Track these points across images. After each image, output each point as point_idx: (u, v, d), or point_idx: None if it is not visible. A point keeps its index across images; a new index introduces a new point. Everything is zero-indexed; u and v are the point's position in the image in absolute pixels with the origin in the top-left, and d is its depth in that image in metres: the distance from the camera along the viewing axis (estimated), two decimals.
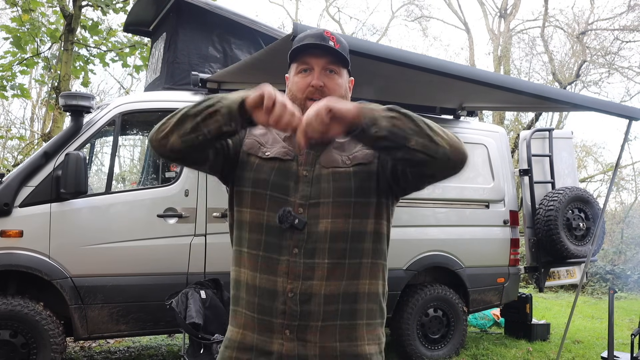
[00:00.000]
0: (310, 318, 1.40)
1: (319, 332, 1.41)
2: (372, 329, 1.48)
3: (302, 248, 1.41)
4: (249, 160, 1.51)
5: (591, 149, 17.65)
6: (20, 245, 3.86)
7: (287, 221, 1.41)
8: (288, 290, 1.40)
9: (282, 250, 1.42)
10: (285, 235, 1.42)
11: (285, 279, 1.41)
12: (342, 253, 1.43)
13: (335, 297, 1.41)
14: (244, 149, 1.53)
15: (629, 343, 4.31)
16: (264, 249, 1.44)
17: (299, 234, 1.42)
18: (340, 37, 1.56)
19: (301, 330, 1.40)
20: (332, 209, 1.43)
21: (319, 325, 1.41)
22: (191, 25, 4.84)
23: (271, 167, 1.48)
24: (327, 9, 20.93)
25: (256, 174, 1.48)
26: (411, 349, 4.97)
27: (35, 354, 3.82)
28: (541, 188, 5.94)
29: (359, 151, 1.50)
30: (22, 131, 15.24)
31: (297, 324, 1.40)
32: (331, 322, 1.41)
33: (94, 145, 5.83)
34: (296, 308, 1.40)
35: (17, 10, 8.39)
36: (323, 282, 1.41)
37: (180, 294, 3.76)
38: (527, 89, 4.00)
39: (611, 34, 15.44)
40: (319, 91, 1.47)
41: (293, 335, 1.40)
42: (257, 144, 1.53)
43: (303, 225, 1.41)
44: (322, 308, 1.40)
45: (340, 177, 1.45)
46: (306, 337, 1.40)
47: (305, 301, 1.40)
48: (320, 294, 1.40)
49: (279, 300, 1.41)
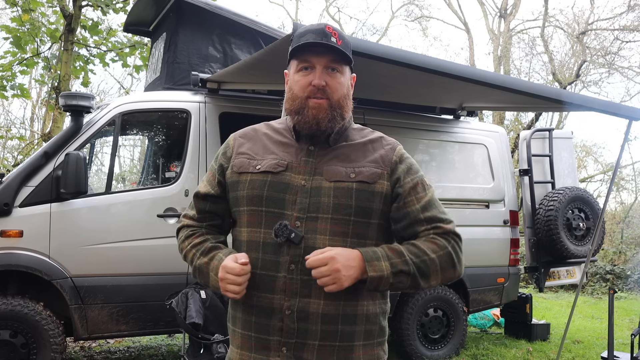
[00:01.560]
0: (307, 336, 1.38)
1: (316, 352, 1.39)
2: (370, 349, 1.45)
3: (299, 264, 1.38)
4: (241, 180, 1.48)
5: (591, 149, 17.67)
6: (20, 245, 3.86)
7: (282, 235, 1.37)
8: (285, 307, 1.38)
9: (279, 266, 1.39)
10: (281, 251, 1.39)
11: (283, 296, 1.38)
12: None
13: (334, 318, 1.39)
14: (234, 170, 1.50)
15: (629, 343, 4.31)
16: (261, 267, 1.41)
17: (295, 248, 1.38)
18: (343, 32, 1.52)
19: (298, 348, 1.38)
20: (330, 226, 1.40)
21: (317, 345, 1.38)
22: (191, 25, 4.83)
23: (264, 181, 1.44)
24: (327, 9, 20.95)
25: (250, 191, 1.45)
26: (411, 349, 4.97)
27: (35, 354, 3.82)
28: (541, 188, 5.93)
29: (366, 167, 1.46)
30: (22, 131, 15.27)
31: (294, 342, 1.38)
32: (329, 342, 1.39)
33: (94, 145, 5.82)
34: (293, 326, 1.38)
35: (17, 10, 8.39)
36: (321, 300, 1.38)
37: (180, 294, 3.76)
38: (527, 89, 4.00)
39: (611, 34, 15.46)
40: (321, 90, 1.44)
41: (290, 353, 1.38)
42: (246, 160, 1.50)
43: (299, 240, 1.38)
44: (320, 327, 1.38)
45: (341, 193, 1.41)
46: (303, 356, 1.39)
47: (303, 319, 1.38)
48: (318, 313, 1.38)
49: (276, 318, 1.39)
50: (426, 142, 5.29)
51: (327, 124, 1.45)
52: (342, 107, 1.48)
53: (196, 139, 4.41)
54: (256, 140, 1.53)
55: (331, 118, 1.45)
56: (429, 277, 1.40)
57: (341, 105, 1.47)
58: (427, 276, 1.40)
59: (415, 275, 1.38)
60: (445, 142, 5.37)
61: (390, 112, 5.17)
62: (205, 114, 4.46)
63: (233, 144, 1.56)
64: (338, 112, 1.46)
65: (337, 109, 1.46)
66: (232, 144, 1.56)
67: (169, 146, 5.37)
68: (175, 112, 4.60)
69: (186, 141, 4.40)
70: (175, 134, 5.08)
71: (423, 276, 1.39)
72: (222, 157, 1.55)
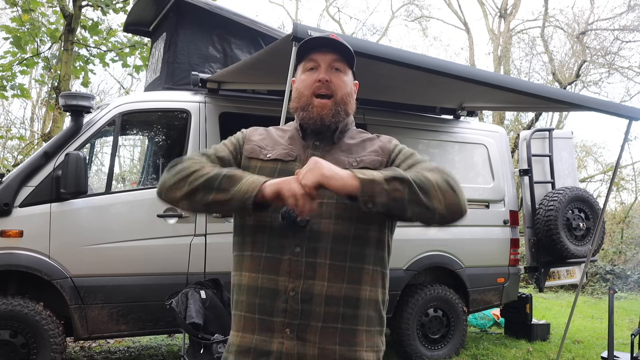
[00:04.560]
0: (311, 318, 1.40)
1: (319, 333, 1.41)
2: (371, 336, 1.48)
3: (304, 247, 1.42)
4: (250, 165, 1.52)
5: (591, 149, 17.66)
6: (20, 245, 3.86)
7: (289, 218, 1.40)
8: (290, 289, 1.41)
9: (284, 249, 1.42)
10: (287, 234, 1.43)
11: (287, 277, 1.41)
12: (343, 255, 1.42)
13: (336, 300, 1.41)
14: (245, 155, 1.55)
15: (629, 343, 4.31)
16: (267, 250, 1.44)
17: (301, 231, 1.42)
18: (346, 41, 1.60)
19: (301, 330, 1.40)
20: (334, 210, 1.43)
21: (319, 326, 1.41)
22: (191, 25, 4.83)
23: (273, 169, 1.49)
24: (327, 9, 20.95)
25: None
26: (411, 349, 4.97)
27: (35, 354, 3.81)
28: (541, 188, 5.94)
29: (367, 155, 1.52)
30: (22, 131, 15.26)
31: (297, 323, 1.40)
32: (332, 324, 1.41)
33: (94, 145, 5.82)
34: (297, 307, 1.40)
35: (17, 10, 8.39)
36: (325, 282, 1.41)
37: (180, 294, 3.76)
38: (527, 89, 4.00)
39: (611, 34, 15.46)
40: (325, 86, 1.50)
41: (293, 334, 1.40)
42: (257, 148, 1.55)
43: (305, 223, 1.41)
44: (323, 309, 1.40)
45: None
46: (306, 337, 1.40)
47: (307, 300, 1.40)
48: (322, 295, 1.40)
49: (280, 299, 1.41)
50: (426, 142, 5.29)
51: (330, 119, 1.51)
52: (346, 104, 1.54)
53: (196, 139, 4.41)
54: (267, 135, 1.60)
55: (335, 113, 1.51)
56: (429, 192, 1.32)
57: (345, 102, 1.54)
58: (426, 191, 1.32)
59: (412, 185, 1.31)
60: (445, 142, 5.37)
61: (390, 112, 5.17)
62: (205, 114, 4.46)
63: (246, 132, 1.62)
64: (342, 108, 1.53)
65: (341, 104, 1.52)
66: (245, 132, 1.62)
67: (169, 146, 5.37)
68: (175, 112, 4.60)
69: (186, 141, 4.40)
70: (175, 134, 5.08)
71: (422, 190, 1.32)
72: (237, 140, 1.59)
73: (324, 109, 1.50)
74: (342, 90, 1.52)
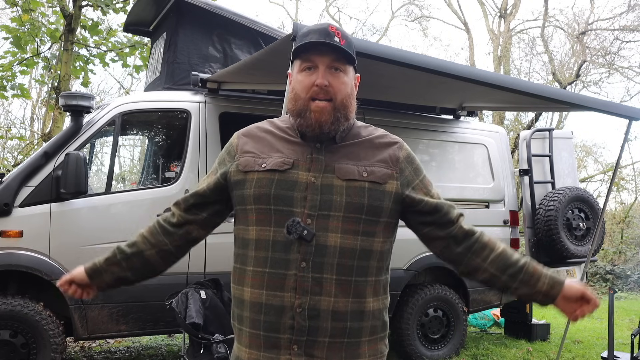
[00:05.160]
0: (318, 334, 1.38)
1: (326, 348, 1.39)
2: (373, 344, 1.47)
3: (310, 262, 1.38)
4: (247, 178, 1.45)
5: (591, 149, 17.67)
6: (20, 245, 3.86)
7: (295, 232, 1.36)
8: (296, 305, 1.37)
9: (290, 264, 1.38)
10: (292, 248, 1.38)
11: (293, 294, 1.38)
12: (350, 270, 1.40)
13: (343, 315, 1.39)
14: (239, 169, 1.48)
15: (629, 343, 4.31)
16: (271, 265, 1.40)
17: (306, 246, 1.38)
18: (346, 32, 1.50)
19: (309, 346, 1.38)
20: (342, 224, 1.39)
21: (327, 342, 1.39)
22: (191, 25, 4.83)
23: (270, 180, 1.42)
24: (327, 9, 20.95)
25: (257, 189, 1.43)
26: (411, 349, 4.97)
27: (35, 354, 3.81)
28: (541, 188, 5.93)
29: (377, 166, 1.46)
30: (22, 131, 15.25)
31: (305, 339, 1.38)
32: (339, 339, 1.40)
33: (94, 145, 5.82)
34: (304, 323, 1.37)
35: (17, 10, 8.39)
36: (332, 298, 1.38)
37: (180, 294, 3.75)
38: (527, 89, 4.00)
39: (611, 34, 15.46)
40: (324, 91, 1.41)
41: (301, 350, 1.38)
42: (252, 159, 1.47)
43: (311, 237, 1.37)
44: (330, 324, 1.38)
45: (354, 192, 1.41)
46: (314, 353, 1.39)
47: (314, 317, 1.38)
48: (329, 310, 1.38)
49: (287, 316, 1.38)
50: (426, 142, 5.29)
51: (330, 127, 1.43)
52: (346, 108, 1.46)
53: (196, 139, 4.41)
54: (260, 138, 1.51)
55: (334, 120, 1.43)
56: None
57: (345, 106, 1.45)
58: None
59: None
60: (445, 142, 5.37)
61: (390, 112, 5.17)
62: (205, 114, 4.46)
63: (237, 142, 1.53)
64: (342, 113, 1.44)
65: (340, 109, 1.44)
66: (236, 143, 1.53)
67: (169, 146, 5.37)
68: (175, 112, 4.60)
69: (186, 141, 4.40)
70: (175, 134, 5.08)
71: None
72: (227, 156, 1.54)
73: (323, 114, 1.41)
74: (341, 93, 1.43)
